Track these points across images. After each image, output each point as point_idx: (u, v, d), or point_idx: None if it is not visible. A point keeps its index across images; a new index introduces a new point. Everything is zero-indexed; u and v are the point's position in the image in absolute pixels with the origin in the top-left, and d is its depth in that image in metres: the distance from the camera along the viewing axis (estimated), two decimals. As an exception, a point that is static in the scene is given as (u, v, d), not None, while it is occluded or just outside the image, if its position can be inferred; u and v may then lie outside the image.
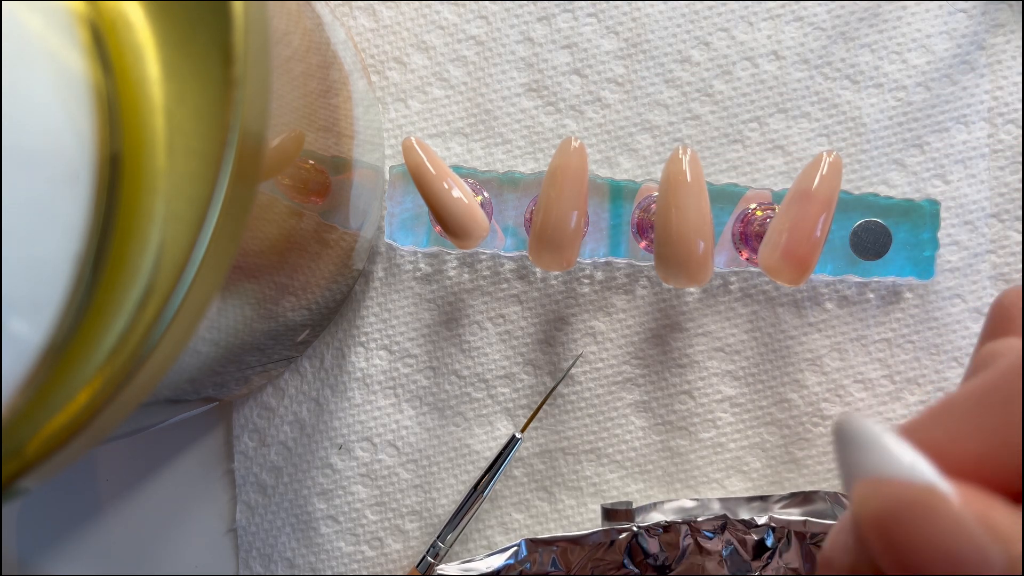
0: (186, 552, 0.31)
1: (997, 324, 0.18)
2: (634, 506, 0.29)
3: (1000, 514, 0.13)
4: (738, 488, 0.30)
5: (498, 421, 0.30)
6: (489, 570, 0.28)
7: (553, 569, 0.28)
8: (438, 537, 0.29)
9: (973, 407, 0.14)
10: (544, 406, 0.30)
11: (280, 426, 0.31)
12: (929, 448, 0.14)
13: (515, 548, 0.28)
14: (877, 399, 0.30)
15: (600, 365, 0.30)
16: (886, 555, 0.13)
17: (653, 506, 0.29)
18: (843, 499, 0.29)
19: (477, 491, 0.29)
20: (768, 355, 0.30)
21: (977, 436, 0.14)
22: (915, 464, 0.13)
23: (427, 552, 0.29)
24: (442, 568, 0.28)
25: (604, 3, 0.31)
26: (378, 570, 0.30)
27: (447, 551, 0.29)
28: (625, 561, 0.28)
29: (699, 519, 0.28)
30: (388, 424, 0.30)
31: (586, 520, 0.30)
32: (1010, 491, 0.13)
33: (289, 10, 0.19)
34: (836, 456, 0.15)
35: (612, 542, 0.28)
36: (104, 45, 0.15)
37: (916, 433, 0.14)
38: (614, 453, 0.30)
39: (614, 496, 0.30)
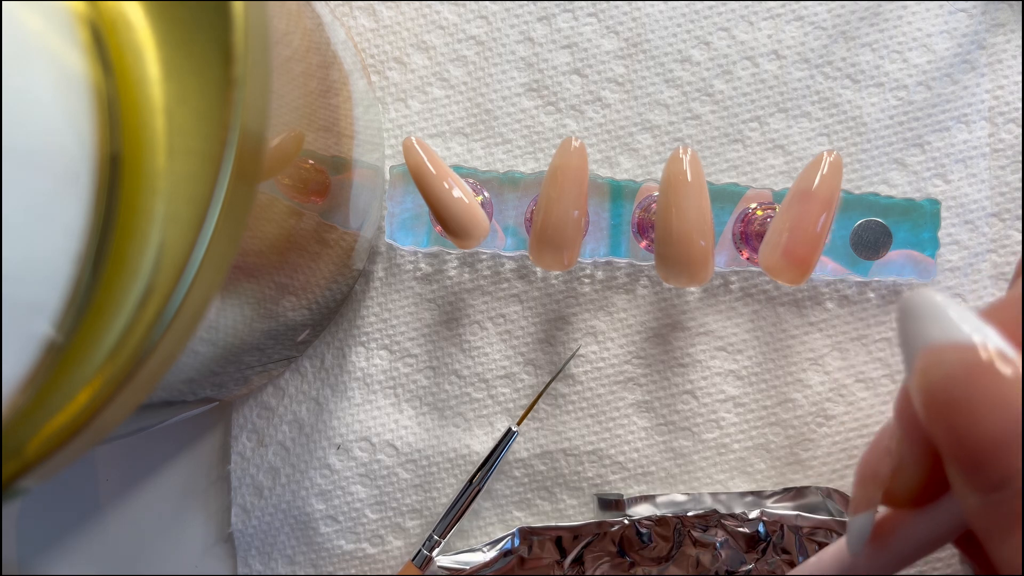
0: (186, 552, 0.31)
1: None
2: (625, 498, 0.29)
3: None
4: (742, 489, 0.30)
5: (498, 421, 0.30)
6: (484, 559, 0.28)
7: (547, 558, 0.28)
8: (433, 531, 0.29)
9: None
10: (545, 407, 0.30)
11: (279, 426, 0.31)
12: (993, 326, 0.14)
13: (509, 537, 0.28)
14: (879, 398, 0.30)
15: (601, 365, 0.30)
16: (945, 423, 0.13)
17: (645, 499, 0.29)
18: (836, 494, 0.29)
19: (473, 485, 0.29)
20: (770, 354, 0.30)
21: None
22: (980, 330, 0.13)
23: (423, 545, 0.29)
24: (439, 559, 0.28)
25: (604, 3, 0.31)
26: (380, 567, 0.30)
27: (443, 544, 0.29)
28: (619, 551, 0.28)
29: (690, 513, 0.28)
30: (388, 424, 0.30)
31: (589, 520, 0.30)
32: None
33: (289, 10, 0.19)
34: (899, 332, 0.14)
35: (605, 533, 0.28)
36: (104, 45, 0.15)
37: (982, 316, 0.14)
38: (616, 454, 0.30)
39: (615, 496, 0.30)
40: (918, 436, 0.15)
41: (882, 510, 0.17)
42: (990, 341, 0.13)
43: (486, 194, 0.29)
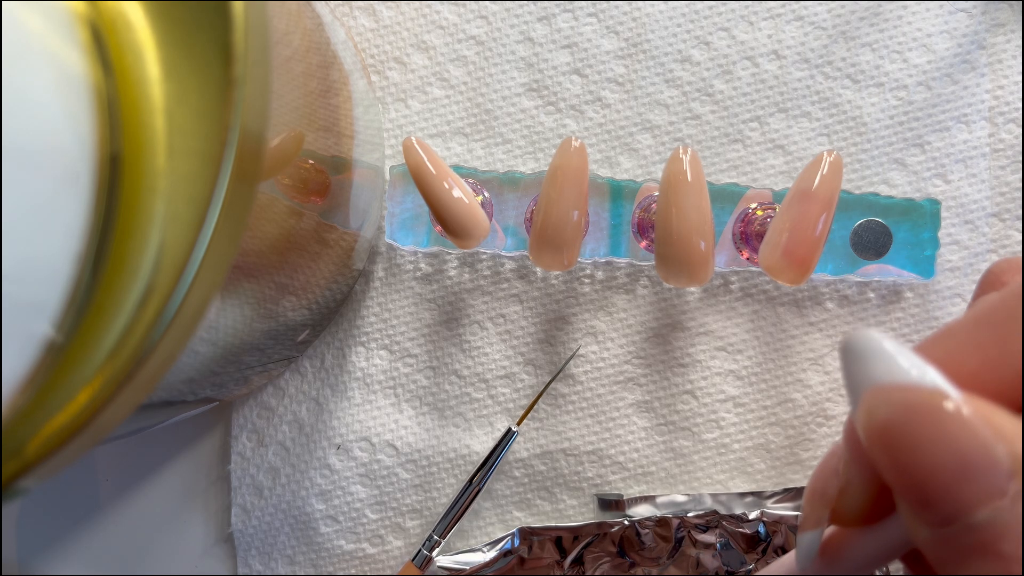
0: (186, 552, 0.31)
1: (988, 288, 0.18)
2: (625, 498, 0.29)
3: (1002, 417, 0.13)
4: (742, 490, 0.30)
5: (498, 421, 0.30)
6: (484, 559, 0.28)
7: (547, 558, 0.28)
8: (433, 531, 0.29)
9: (970, 329, 0.15)
10: (545, 407, 0.30)
11: (279, 426, 0.31)
12: (933, 363, 0.14)
13: (509, 537, 0.28)
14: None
15: (601, 365, 0.30)
16: (891, 462, 0.13)
17: (645, 499, 0.29)
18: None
19: (473, 485, 0.29)
20: (770, 354, 0.30)
21: (976, 353, 0.14)
22: (922, 371, 0.14)
23: (423, 545, 0.29)
24: (439, 560, 0.28)
25: (604, 3, 0.31)
26: (380, 567, 0.30)
27: (443, 544, 0.29)
28: (619, 552, 0.28)
29: (690, 514, 0.28)
30: (388, 424, 0.30)
31: (589, 521, 0.30)
32: (1006, 404, 0.14)
33: (289, 10, 0.19)
34: (843, 371, 0.15)
35: (605, 533, 0.28)
36: (104, 45, 0.15)
37: (920, 352, 0.15)
38: (616, 454, 0.30)
39: (615, 496, 0.30)
40: (864, 460, 0.15)
41: (832, 528, 0.17)
42: (933, 379, 0.14)
43: (486, 194, 0.29)
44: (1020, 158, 0.30)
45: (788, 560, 0.19)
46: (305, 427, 0.30)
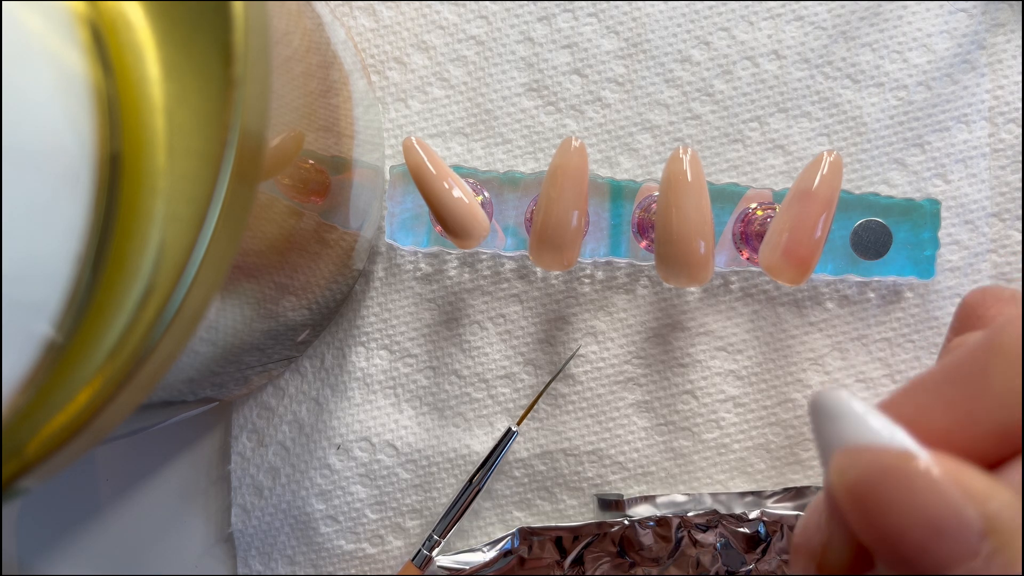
0: (186, 552, 0.31)
1: (963, 322, 0.18)
2: (625, 498, 0.29)
3: (972, 476, 0.13)
4: (742, 490, 0.30)
5: (498, 421, 0.30)
6: (483, 559, 0.28)
7: (547, 558, 0.28)
8: (433, 530, 0.29)
9: (940, 384, 0.15)
10: (545, 407, 0.30)
11: (279, 426, 0.31)
12: (902, 422, 0.14)
13: (509, 537, 0.28)
14: (879, 398, 0.30)
15: (601, 365, 0.30)
16: (864, 522, 0.14)
17: (645, 499, 0.29)
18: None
19: (473, 485, 0.29)
20: (770, 354, 0.30)
21: (945, 411, 0.14)
22: (891, 432, 0.14)
23: (423, 545, 0.29)
24: (439, 559, 0.28)
25: (604, 3, 0.31)
26: (380, 567, 0.30)
27: (443, 544, 0.29)
28: (619, 552, 0.28)
29: (690, 513, 0.28)
30: (388, 424, 0.30)
31: (588, 521, 0.30)
32: (977, 461, 0.14)
33: (289, 10, 0.19)
34: (813, 430, 0.15)
35: (605, 533, 0.28)
36: (104, 45, 0.15)
37: (888, 409, 0.15)
38: (616, 454, 0.30)
39: (615, 496, 0.30)
40: (843, 517, 0.15)
41: None
42: (900, 441, 0.14)
43: (486, 194, 0.29)
44: (1020, 158, 0.30)
45: None
46: (305, 427, 0.30)
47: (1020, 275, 0.30)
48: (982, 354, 0.14)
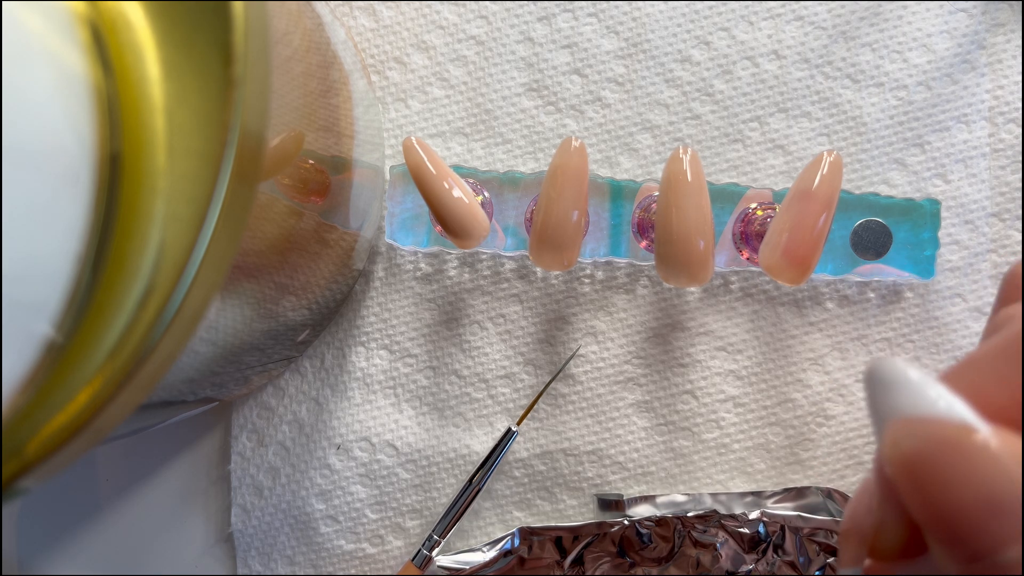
0: (186, 552, 0.31)
1: (1010, 293, 0.18)
2: (625, 498, 0.29)
3: None
4: (742, 490, 0.30)
5: (498, 421, 0.30)
6: (483, 559, 0.28)
7: (547, 558, 0.28)
8: (433, 530, 0.29)
9: (993, 361, 0.14)
10: (545, 407, 0.30)
11: (279, 426, 0.31)
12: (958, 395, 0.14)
13: (509, 537, 0.28)
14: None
15: (601, 365, 0.30)
16: (918, 497, 0.13)
17: (645, 499, 0.29)
18: (836, 494, 0.29)
19: (472, 485, 0.29)
20: (770, 354, 0.30)
21: (998, 388, 0.14)
22: (950, 403, 0.13)
23: (423, 545, 0.29)
24: (439, 559, 0.28)
25: (604, 3, 0.31)
26: (380, 567, 0.30)
27: (443, 544, 0.29)
28: (619, 552, 0.28)
29: (690, 514, 0.28)
30: (388, 424, 0.30)
31: (588, 521, 0.30)
32: None
33: (289, 10, 0.19)
34: (868, 399, 0.14)
35: (605, 533, 0.28)
36: (104, 45, 0.15)
37: (945, 383, 0.14)
38: (616, 454, 0.30)
39: (615, 496, 0.30)
40: (897, 497, 0.15)
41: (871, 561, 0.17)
42: (960, 413, 0.13)
43: (486, 194, 0.29)
44: (1020, 158, 0.30)
45: None
46: (305, 427, 0.30)
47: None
48: None
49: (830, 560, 0.28)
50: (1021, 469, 0.12)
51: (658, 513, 0.29)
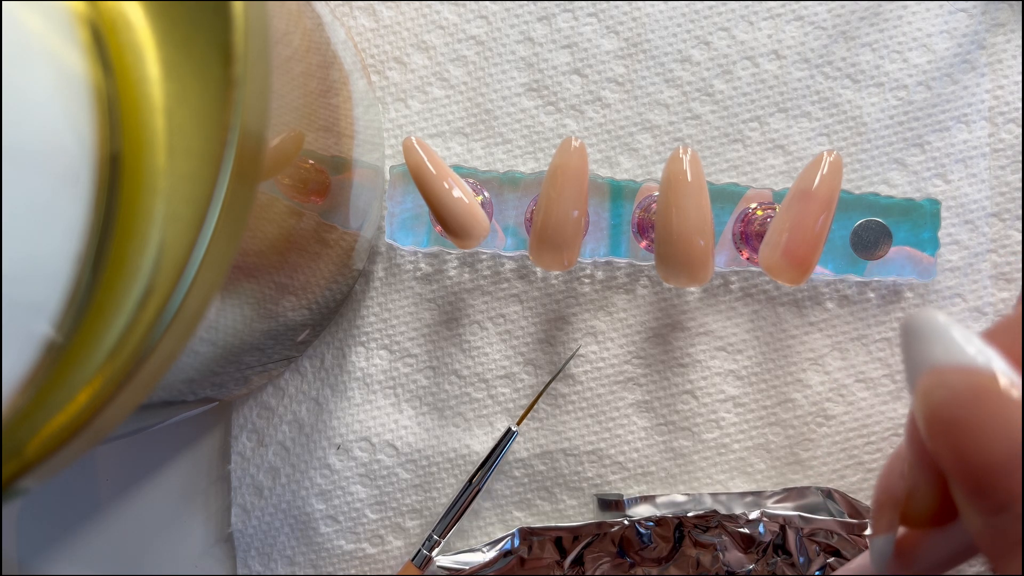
0: (186, 552, 0.31)
1: None
2: (625, 498, 0.29)
3: None
4: (742, 490, 0.30)
5: (498, 421, 0.30)
6: (483, 559, 0.28)
7: (547, 559, 0.28)
8: (433, 530, 0.29)
9: None
10: (545, 407, 0.30)
11: (279, 426, 0.31)
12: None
13: (509, 537, 0.28)
14: (879, 398, 0.30)
15: (601, 365, 0.30)
16: (948, 447, 0.13)
17: (645, 499, 0.29)
18: (836, 495, 0.29)
19: (472, 485, 0.29)
20: (770, 354, 0.30)
21: None
22: (984, 354, 0.13)
23: (422, 545, 0.29)
24: (438, 559, 0.28)
25: (604, 3, 0.31)
26: (380, 567, 0.30)
27: (443, 544, 0.29)
28: (619, 552, 0.28)
29: (690, 514, 0.28)
30: (388, 424, 0.30)
31: (588, 521, 0.30)
32: None
33: (289, 10, 0.19)
34: (903, 351, 0.14)
35: (605, 533, 0.28)
36: (104, 45, 0.15)
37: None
38: (616, 454, 0.30)
39: (615, 496, 0.30)
40: (929, 460, 0.15)
41: (904, 529, 0.17)
42: (994, 363, 0.13)
43: (486, 194, 0.29)
44: (1020, 158, 0.30)
45: (862, 561, 0.19)
46: (305, 427, 0.30)
47: (1020, 275, 0.30)
48: None
49: (830, 560, 0.28)
50: None
51: (658, 513, 0.29)
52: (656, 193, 0.28)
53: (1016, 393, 0.13)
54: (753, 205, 0.28)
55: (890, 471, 0.17)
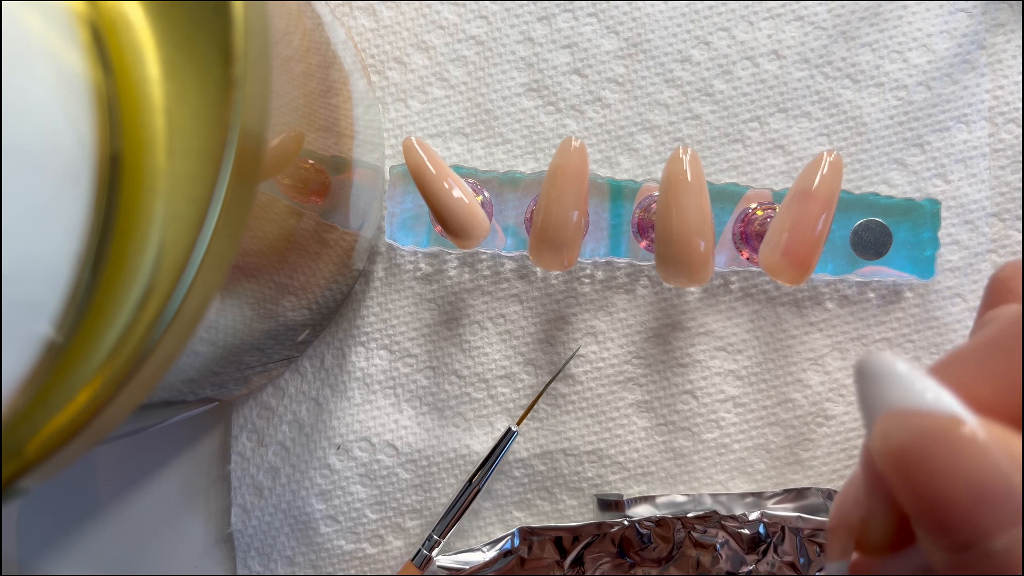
0: (186, 552, 0.31)
1: (995, 296, 0.18)
2: (625, 498, 0.29)
3: (1019, 444, 0.13)
4: (742, 490, 0.30)
5: (498, 421, 0.30)
6: (483, 559, 0.28)
7: (547, 559, 0.28)
8: (433, 530, 0.29)
9: (981, 355, 0.15)
10: (545, 407, 0.30)
11: (279, 426, 0.31)
12: (947, 388, 0.14)
13: (508, 537, 0.28)
14: (878, 399, 0.30)
15: (601, 365, 0.30)
16: (907, 488, 0.13)
17: (645, 499, 0.29)
18: (835, 495, 0.29)
19: (472, 485, 0.29)
20: (770, 354, 0.30)
21: (986, 381, 0.14)
22: (938, 396, 0.13)
23: (422, 545, 0.29)
24: (438, 559, 0.28)
25: (604, 3, 0.31)
26: (380, 567, 0.30)
27: (443, 544, 0.29)
28: (619, 552, 0.28)
29: (690, 515, 0.28)
30: (388, 424, 0.30)
31: (588, 521, 0.30)
32: (1019, 430, 0.14)
33: (289, 10, 0.19)
34: (858, 393, 0.15)
35: (605, 534, 0.28)
36: (104, 45, 0.15)
37: (933, 376, 0.14)
38: (616, 454, 0.30)
39: (615, 496, 0.30)
40: (884, 489, 0.15)
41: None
42: (947, 405, 0.13)
43: (486, 194, 0.29)
44: (1020, 158, 0.30)
45: None
46: (305, 427, 0.30)
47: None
48: (1016, 329, 0.14)
49: None
50: (1008, 459, 0.13)
51: (658, 513, 0.29)
52: (656, 193, 0.28)
53: (971, 432, 0.13)
54: (753, 205, 0.28)
55: (844, 498, 0.17)
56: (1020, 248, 0.30)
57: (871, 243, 0.28)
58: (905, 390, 0.14)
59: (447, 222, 0.25)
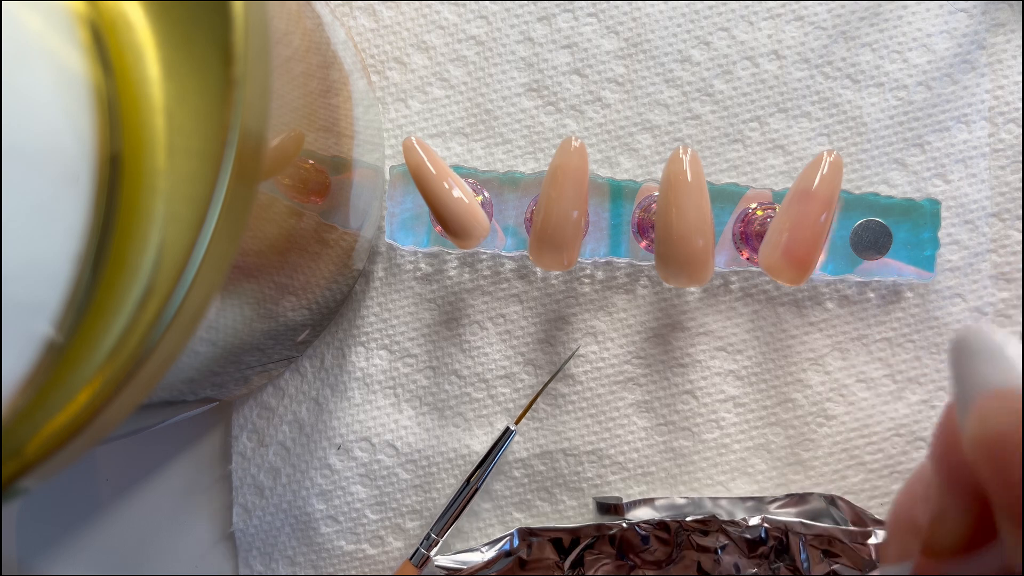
0: (187, 552, 0.31)
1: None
2: (624, 501, 0.29)
3: None
4: (743, 492, 0.30)
5: (498, 421, 0.30)
6: (482, 560, 0.28)
7: (546, 559, 0.28)
8: (431, 529, 0.29)
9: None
10: (545, 407, 0.30)
11: (279, 426, 0.31)
12: None
13: (508, 538, 0.28)
14: (880, 398, 0.30)
15: (601, 365, 0.30)
16: (1004, 477, 0.12)
17: (644, 502, 0.29)
18: (839, 501, 0.29)
19: (471, 484, 0.29)
20: (770, 354, 0.30)
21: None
22: None
23: (420, 544, 0.29)
24: (437, 559, 0.28)
25: (604, 3, 0.31)
26: (380, 567, 0.30)
27: (441, 543, 0.29)
28: (619, 554, 0.28)
29: (690, 518, 0.28)
30: (387, 424, 0.30)
31: (587, 523, 0.30)
32: None
33: (289, 10, 0.19)
34: (953, 370, 0.13)
35: (604, 535, 0.28)
36: (104, 45, 0.15)
37: None
38: (616, 454, 0.30)
39: (615, 496, 0.30)
40: (963, 485, 0.14)
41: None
42: None
43: (486, 194, 0.29)
44: (1020, 158, 0.30)
45: None
46: (305, 427, 0.30)
47: (1020, 275, 0.30)
48: None
49: (835, 566, 0.28)
50: None
51: (657, 516, 0.28)
52: (656, 193, 0.28)
53: None
54: (753, 205, 0.28)
55: (909, 494, 0.15)
56: (1020, 248, 0.30)
57: (871, 243, 0.28)
58: (1008, 368, 0.12)
59: (447, 222, 0.25)
